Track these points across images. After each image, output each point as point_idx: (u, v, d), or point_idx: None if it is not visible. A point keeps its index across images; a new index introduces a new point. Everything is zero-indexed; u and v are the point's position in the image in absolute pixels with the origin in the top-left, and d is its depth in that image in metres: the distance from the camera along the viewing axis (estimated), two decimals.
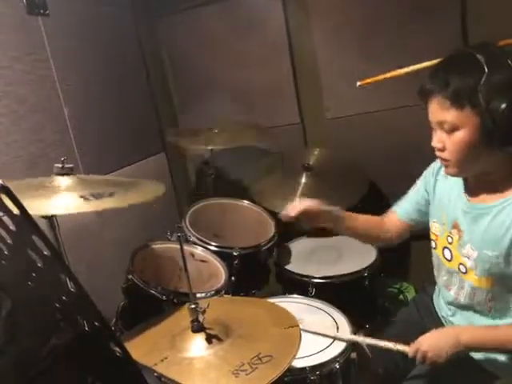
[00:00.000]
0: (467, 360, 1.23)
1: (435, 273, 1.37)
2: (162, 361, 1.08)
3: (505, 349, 1.16)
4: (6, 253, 0.72)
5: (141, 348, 1.16)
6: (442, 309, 1.37)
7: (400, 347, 1.23)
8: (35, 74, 1.81)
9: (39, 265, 0.65)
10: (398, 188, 2.38)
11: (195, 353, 1.09)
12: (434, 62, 1.18)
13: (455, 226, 1.22)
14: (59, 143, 1.89)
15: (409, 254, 2.37)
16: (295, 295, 1.66)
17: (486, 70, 0.99)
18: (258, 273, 1.98)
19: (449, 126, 1.08)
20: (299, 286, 1.80)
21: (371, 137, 2.32)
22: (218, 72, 2.55)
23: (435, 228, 1.31)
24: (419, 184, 1.41)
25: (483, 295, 1.19)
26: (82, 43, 2.06)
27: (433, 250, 1.34)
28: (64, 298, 0.69)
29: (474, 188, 1.19)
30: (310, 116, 2.49)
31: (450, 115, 1.06)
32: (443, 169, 1.23)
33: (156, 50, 2.68)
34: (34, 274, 0.71)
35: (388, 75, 1.62)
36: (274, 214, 2.07)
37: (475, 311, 1.24)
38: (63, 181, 1.27)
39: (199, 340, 1.12)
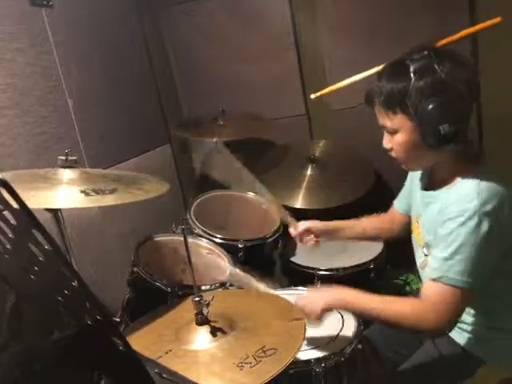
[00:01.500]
0: (454, 345, 1.26)
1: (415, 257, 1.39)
2: (167, 353, 1.08)
3: (369, 316, 1.21)
4: (8, 247, 0.72)
5: (145, 340, 1.16)
6: None
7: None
8: (39, 66, 1.80)
9: (41, 259, 0.65)
10: (405, 179, 2.36)
11: (199, 345, 1.09)
12: (380, 67, 1.24)
13: (418, 213, 1.30)
14: (64, 135, 1.89)
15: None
16: (300, 287, 1.65)
17: (413, 76, 1.07)
18: (263, 265, 1.97)
19: (389, 130, 1.17)
20: (304, 278, 1.80)
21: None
22: (223, 64, 2.53)
23: (413, 216, 1.37)
24: (408, 178, 1.46)
25: None
26: (85, 35, 2.05)
27: (412, 235, 1.38)
28: (66, 291, 0.69)
29: (433, 177, 1.26)
30: (316, 107, 2.47)
31: (387, 120, 1.15)
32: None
33: (160, 41, 2.66)
34: (36, 268, 0.71)
35: (338, 85, 1.66)
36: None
37: None
38: (66, 173, 1.27)
39: (204, 333, 1.12)
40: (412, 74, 1.07)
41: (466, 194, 1.08)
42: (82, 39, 2.03)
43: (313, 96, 1.70)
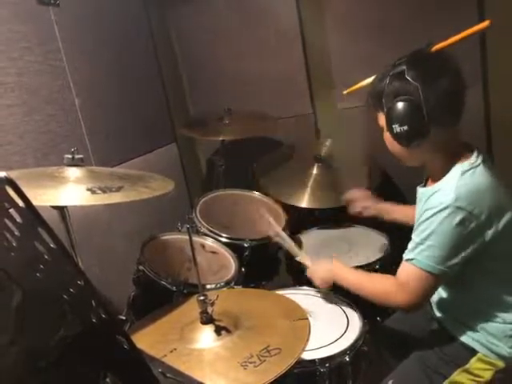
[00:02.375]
0: (445, 334, 1.30)
1: None
2: (172, 352, 1.09)
3: (352, 290, 1.35)
4: (14, 244, 0.72)
5: (150, 339, 1.17)
6: None
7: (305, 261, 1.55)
8: (46, 65, 1.81)
9: (46, 257, 0.65)
10: (412, 179, 2.35)
11: (204, 344, 1.10)
12: None
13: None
14: (70, 134, 1.90)
15: None
16: (305, 287, 1.65)
17: (388, 79, 1.18)
18: (269, 264, 1.97)
19: (381, 128, 1.27)
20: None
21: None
22: (229, 61, 2.53)
23: None
24: None
25: None
26: (92, 33, 2.06)
27: None
28: (71, 289, 0.69)
29: (428, 176, 1.34)
30: (322, 106, 2.46)
31: (377, 117, 1.27)
32: None
33: (167, 39, 2.66)
34: (41, 266, 0.71)
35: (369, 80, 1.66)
36: (284, 206, 2.07)
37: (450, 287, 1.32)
38: (73, 172, 1.28)
39: (208, 331, 1.12)
40: (388, 78, 1.18)
41: (445, 188, 1.15)
42: (89, 38, 2.04)
43: (345, 92, 1.72)
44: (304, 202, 2.09)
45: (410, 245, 1.21)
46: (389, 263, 1.84)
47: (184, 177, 2.66)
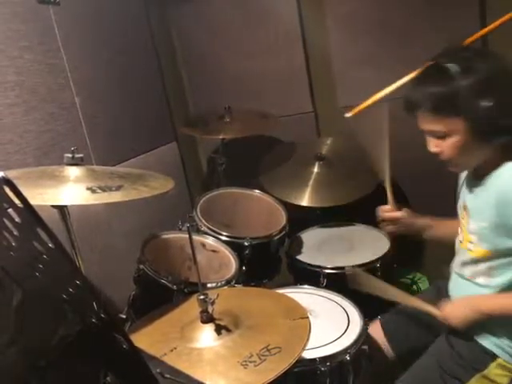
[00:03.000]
0: (465, 339, 1.27)
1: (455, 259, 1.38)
2: (172, 351, 1.08)
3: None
4: (13, 244, 0.72)
5: (150, 338, 1.17)
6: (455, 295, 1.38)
7: (430, 309, 1.31)
8: (46, 64, 1.81)
9: (45, 257, 0.65)
10: (414, 178, 2.35)
11: (204, 343, 1.10)
12: (413, 75, 1.26)
13: (465, 208, 1.28)
14: (71, 133, 1.90)
15: (422, 244, 2.34)
16: (306, 286, 1.65)
17: (459, 76, 1.08)
18: (269, 263, 1.97)
19: (439, 134, 1.17)
20: (310, 276, 1.79)
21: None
22: (230, 60, 2.53)
23: (460, 213, 1.36)
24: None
25: (484, 266, 1.23)
26: (92, 32, 2.06)
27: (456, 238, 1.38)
28: (71, 289, 0.69)
29: (480, 171, 1.25)
30: (323, 105, 2.46)
31: (437, 126, 1.15)
32: None
33: (167, 38, 2.66)
34: (41, 266, 0.71)
35: (374, 99, 1.63)
36: (285, 204, 2.06)
37: (479, 285, 1.26)
38: (73, 171, 1.27)
39: (208, 331, 1.12)
40: (455, 75, 1.07)
41: None
42: (90, 37, 2.04)
43: (348, 115, 1.67)
44: (305, 200, 2.09)
45: None
46: (390, 262, 1.84)
47: (184, 175, 2.66)
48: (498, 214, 1.13)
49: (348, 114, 1.66)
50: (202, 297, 1.12)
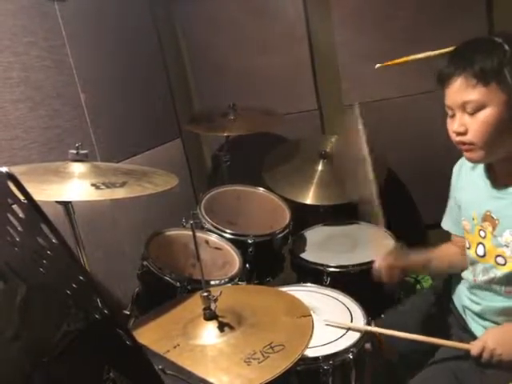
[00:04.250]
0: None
1: (469, 272, 1.30)
2: (175, 348, 1.09)
3: None
4: (17, 240, 0.73)
5: (153, 334, 1.17)
6: (465, 300, 1.33)
7: (461, 345, 1.19)
8: (51, 60, 1.81)
9: (49, 252, 0.65)
10: (418, 176, 2.34)
11: (207, 340, 1.10)
12: (451, 48, 1.18)
13: (486, 218, 1.19)
14: (76, 129, 1.90)
15: (426, 243, 2.33)
16: (309, 284, 1.64)
17: (508, 48, 1.03)
18: (273, 261, 1.97)
19: (473, 106, 1.08)
20: (314, 274, 1.79)
21: (391, 123, 2.28)
22: (235, 57, 2.52)
23: (465, 227, 1.28)
24: (450, 194, 1.38)
25: None
26: (98, 28, 2.06)
27: (466, 250, 1.30)
28: (74, 285, 0.69)
29: (500, 173, 1.18)
30: (328, 102, 2.45)
31: (476, 93, 1.07)
32: (464, 166, 1.27)
33: (173, 35, 2.66)
34: (44, 262, 0.71)
35: (409, 58, 1.59)
36: (289, 202, 2.06)
37: (506, 297, 1.20)
38: (77, 167, 1.28)
39: (211, 328, 1.12)
40: (507, 46, 1.03)
41: None
42: (95, 33, 2.04)
43: (378, 65, 1.65)
44: (309, 198, 2.08)
45: None
46: None
47: (189, 172, 2.66)
48: None
49: (378, 65, 1.63)
50: (205, 294, 1.12)
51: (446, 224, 1.44)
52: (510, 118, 1.05)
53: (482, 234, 1.21)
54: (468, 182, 1.28)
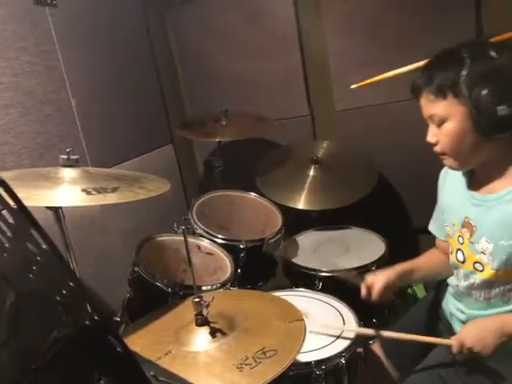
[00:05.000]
0: (473, 359, 1.20)
1: (454, 277, 1.32)
2: (166, 354, 1.08)
3: None
4: (7, 246, 0.72)
5: (145, 341, 1.16)
6: (452, 307, 1.34)
7: (443, 341, 1.22)
8: (42, 65, 1.80)
9: (39, 258, 0.64)
10: (409, 181, 2.35)
11: (199, 346, 1.09)
12: (425, 61, 1.21)
13: (465, 225, 1.20)
14: (66, 134, 1.89)
15: (417, 248, 2.34)
16: (302, 289, 1.64)
17: (468, 61, 1.05)
18: (265, 266, 1.97)
19: (438, 119, 1.12)
20: (306, 279, 1.79)
21: (382, 129, 2.29)
22: (227, 63, 2.53)
23: (448, 232, 1.29)
24: (438, 198, 1.39)
25: (501, 288, 1.16)
26: (89, 34, 2.05)
27: (449, 255, 1.31)
28: (64, 291, 0.69)
29: (481, 180, 1.19)
30: (319, 108, 2.46)
31: (437, 108, 1.11)
32: (449, 172, 1.29)
33: (165, 39, 2.66)
34: (34, 267, 0.71)
35: (382, 77, 1.62)
36: (281, 207, 2.06)
37: (489, 304, 1.21)
38: (68, 172, 1.27)
39: (203, 334, 1.11)
40: (467, 59, 1.05)
41: None
42: (86, 38, 2.03)
43: (353, 86, 1.67)
44: (301, 203, 2.09)
45: None
46: (385, 265, 1.84)
47: (181, 178, 2.66)
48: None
49: (353, 86, 1.65)
50: (197, 299, 1.12)
51: (433, 227, 1.45)
52: (473, 128, 1.07)
53: (461, 240, 1.22)
54: (451, 187, 1.29)
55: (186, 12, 2.57)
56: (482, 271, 1.17)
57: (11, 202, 0.56)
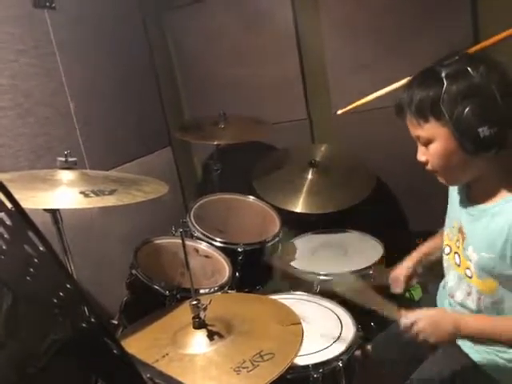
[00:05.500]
0: (467, 360, 1.22)
1: (445, 278, 1.34)
2: (164, 357, 1.08)
3: (500, 340, 1.13)
4: (4, 248, 0.72)
5: (142, 344, 1.16)
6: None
7: (390, 313, 1.22)
8: (41, 68, 1.81)
9: (36, 260, 0.64)
10: (407, 185, 2.36)
11: (196, 349, 1.09)
12: (406, 80, 1.22)
13: (460, 230, 1.22)
14: (65, 137, 1.89)
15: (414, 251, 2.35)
16: (299, 292, 1.64)
17: (446, 81, 1.04)
18: (263, 269, 1.96)
19: (423, 140, 1.13)
20: (304, 282, 1.79)
21: (380, 133, 2.30)
22: (225, 66, 2.54)
23: (447, 234, 1.31)
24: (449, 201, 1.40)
25: (489, 299, 1.17)
26: (88, 37, 2.06)
27: (444, 256, 1.32)
28: (61, 294, 0.69)
29: (474, 191, 1.20)
30: (317, 111, 2.47)
31: (421, 130, 1.11)
32: None
33: (163, 43, 2.67)
34: (32, 270, 0.71)
35: (365, 100, 1.65)
36: (279, 210, 2.06)
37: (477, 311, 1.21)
38: (66, 175, 1.27)
39: (201, 336, 1.11)
40: (444, 79, 1.04)
41: None
42: (85, 41, 2.04)
43: (339, 112, 1.69)
44: (299, 206, 2.09)
45: None
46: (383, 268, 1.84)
47: (179, 181, 2.66)
48: (506, 239, 1.07)
49: (339, 112, 1.66)
50: (194, 302, 1.12)
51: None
52: (458, 147, 1.06)
53: (457, 244, 1.24)
54: (453, 193, 1.31)
55: (184, 16, 2.58)
56: (470, 278, 1.19)
57: (9, 204, 0.56)
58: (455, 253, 1.25)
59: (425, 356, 1.31)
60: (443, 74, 1.04)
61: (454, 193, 1.31)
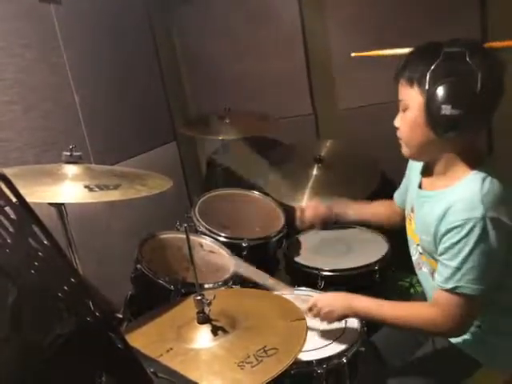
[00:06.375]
0: (452, 347, 1.26)
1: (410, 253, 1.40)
2: (168, 351, 1.08)
3: (385, 322, 1.25)
4: (9, 241, 0.72)
5: (146, 338, 1.16)
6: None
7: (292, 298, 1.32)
8: (46, 62, 1.81)
9: (41, 254, 0.64)
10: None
11: (200, 344, 1.09)
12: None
13: (412, 210, 1.30)
14: (70, 131, 1.90)
15: None
16: (304, 288, 1.64)
17: (441, 57, 1.07)
18: (267, 264, 1.96)
19: (403, 105, 1.18)
20: (308, 278, 1.78)
21: (385, 128, 2.27)
22: (230, 61, 2.53)
23: (406, 207, 1.38)
24: (407, 170, 1.46)
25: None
26: (93, 31, 2.06)
27: (407, 226, 1.38)
28: (66, 287, 0.69)
29: (426, 176, 1.26)
30: (323, 107, 2.46)
31: (404, 94, 1.16)
32: None
33: (168, 38, 2.66)
34: (36, 264, 0.71)
35: (382, 53, 1.65)
36: (284, 206, 2.06)
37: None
38: (71, 169, 1.27)
39: (205, 331, 1.11)
40: (441, 55, 1.07)
41: (470, 200, 1.06)
42: (90, 36, 2.04)
43: (353, 54, 1.70)
44: (303, 202, 2.08)
45: (445, 271, 1.10)
46: (388, 265, 1.83)
47: (183, 175, 2.66)
48: (437, 226, 1.12)
49: (353, 54, 1.68)
50: (198, 297, 1.12)
51: (396, 195, 1.56)
52: (424, 123, 1.10)
53: (410, 222, 1.32)
54: (414, 172, 1.36)
55: (189, 10, 2.57)
56: (422, 254, 1.28)
57: (13, 198, 0.56)
58: (411, 230, 1.33)
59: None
60: (443, 51, 1.08)
61: (411, 175, 1.37)
